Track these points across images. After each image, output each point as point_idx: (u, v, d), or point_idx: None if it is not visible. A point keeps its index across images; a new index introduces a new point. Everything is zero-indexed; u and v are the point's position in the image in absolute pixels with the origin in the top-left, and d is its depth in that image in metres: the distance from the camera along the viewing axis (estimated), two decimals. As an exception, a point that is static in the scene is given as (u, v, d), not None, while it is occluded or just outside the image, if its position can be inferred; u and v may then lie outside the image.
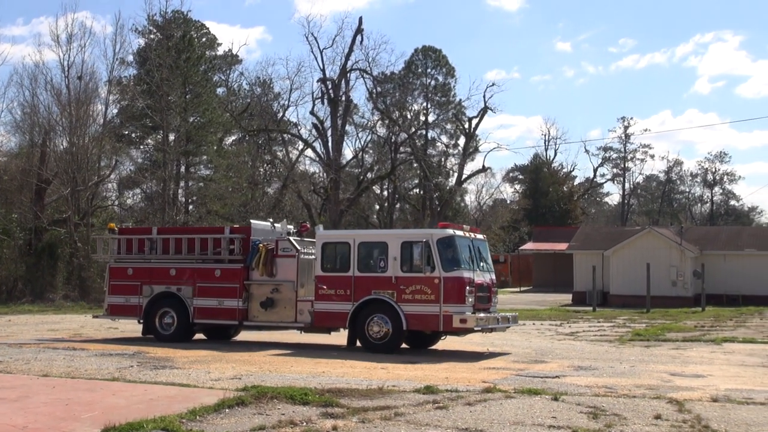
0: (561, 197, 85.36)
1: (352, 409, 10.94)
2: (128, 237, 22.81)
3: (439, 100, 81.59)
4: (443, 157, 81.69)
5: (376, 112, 66.16)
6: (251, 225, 22.12)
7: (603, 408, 11.46)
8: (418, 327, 19.06)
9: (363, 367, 16.31)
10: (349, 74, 59.37)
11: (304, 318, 20.14)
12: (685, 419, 10.71)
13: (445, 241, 18.94)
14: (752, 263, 48.62)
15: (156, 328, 21.69)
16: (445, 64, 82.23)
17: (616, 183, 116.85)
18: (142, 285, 21.95)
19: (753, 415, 11.15)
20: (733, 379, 15.26)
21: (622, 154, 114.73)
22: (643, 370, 16.54)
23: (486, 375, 15.32)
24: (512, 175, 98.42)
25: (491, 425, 10.08)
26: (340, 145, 59.46)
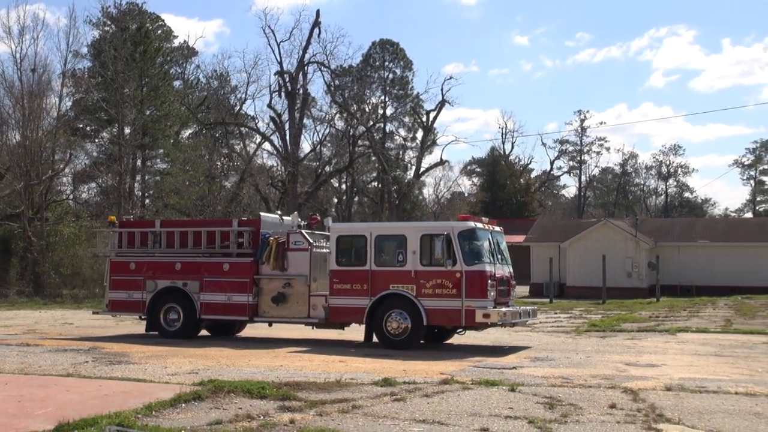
0: (518, 190, 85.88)
1: (310, 403, 10.90)
2: (130, 230, 22.10)
3: (397, 93, 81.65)
4: (401, 150, 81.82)
5: (334, 105, 66.04)
6: (261, 217, 21.43)
7: (559, 398, 11.55)
8: (438, 322, 18.53)
9: (321, 361, 16.28)
10: (307, 67, 59.12)
11: (318, 313, 19.49)
12: (639, 408, 10.83)
13: (467, 234, 18.38)
14: (705, 254, 49.33)
15: (161, 325, 20.95)
16: (403, 58, 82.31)
17: (572, 176, 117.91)
18: (145, 280, 21.16)
19: (705, 403, 11.30)
20: (687, 369, 15.46)
21: (578, 147, 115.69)
22: (599, 360, 16.70)
23: (444, 367, 15.35)
24: (470, 168, 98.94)
25: (449, 416, 10.11)
26: (298, 138, 59.18)
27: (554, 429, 9.44)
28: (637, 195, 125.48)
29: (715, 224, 59.85)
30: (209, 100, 61.69)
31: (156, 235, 21.49)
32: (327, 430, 9.10)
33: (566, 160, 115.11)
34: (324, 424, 9.48)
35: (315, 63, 59.66)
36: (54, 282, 42.52)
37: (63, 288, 42.63)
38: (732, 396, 12.02)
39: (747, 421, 10.06)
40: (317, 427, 9.30)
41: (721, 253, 49.30)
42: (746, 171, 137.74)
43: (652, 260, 44.88)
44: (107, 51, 50.56)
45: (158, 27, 64.24)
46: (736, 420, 10.13)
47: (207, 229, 21.45)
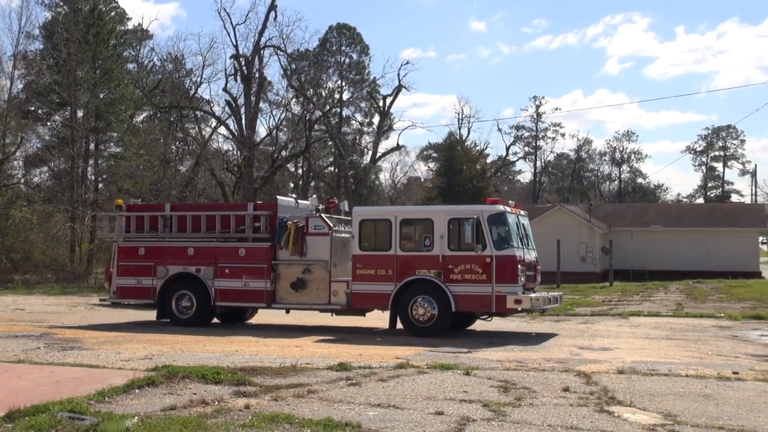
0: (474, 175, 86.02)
1: (265, 388, 10.87)
2: (138, 214, 21.45)
3: (353, 78, 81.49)
4: (358, 135, 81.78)
5: (291, 89, 65.61)
6: (277, 201, 20.85)
7: (513, 382, 11.64)
8: (467, 308, 18.16)
9: (277, 345, 16.24)
10: (263, 51, 58.61)
11: (339, 299, 19.05)
12: (592, 391, 10.95)
13: (496, 218, 17.99)
14: (658, 239, 50.04)
15: (172, 312, 20.42)
16: (360, 42, 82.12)
17: (527, 161, 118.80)
18: (155, 265, 20.57)
19: (656, 386, 11.46)
20: (639, 352, 15.66)
21: (533, 132, 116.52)
22: (553, 344, 16.87)
23: (399, 351, 15.39)
24: (426, 153, 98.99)
25: (404, 401, 10.13)
26: (254, 122, 58.74)
27: (508, 412, 9.51)
28: (591, 180, 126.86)
29: (668, 210, 60.67)
30: (164, 83, 60.95)
31: (166, 219, 20.89)
32: (282, 415, 9.08)
33: (522, 145, 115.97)
34: (279, 409, 9.45)
35: (271, 47, 59.19)
36: (5, 267, 41.88)
37: (14, 273, 42.03)
38: (682, 378, 12.20)
39: (697, 403, 10.22)
40: (272, 412, 9.27)
41: (673, 239, 50.06)
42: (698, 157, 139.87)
43: (606, 245, 45.39)
44: (59, 33, 49.75)
45: (112, 9, 63.29)
46: (686, 402, 10.28)
47: (221, 213, 20.85)
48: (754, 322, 22.35)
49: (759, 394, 10.96)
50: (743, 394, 10.92)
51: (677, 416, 9.41)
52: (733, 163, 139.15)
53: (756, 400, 10.51)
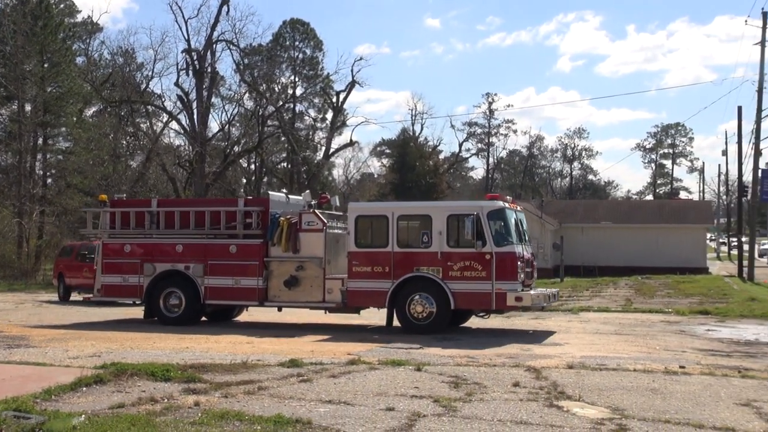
0: (427, 171, 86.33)
1: (215, 385, 10.79)
2: (124, 210, 20.85)
3: (307, 73, 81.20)
4: (311, 130, 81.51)
5: (243, 84, 65.23)
6: (269, 197, 20.39)
7: (464, 377, 11.69)
8: (466, 306, 17.97)
9: (228, 342, 16.14)
10: (215, 45, 58.20)
11: (334, 297, 18.68)
12: (542, 386, 11.04)
13: (496, 214, 17.77)
14: (608, 235, 50.62)
15: (160, 311, 19.88)
16: (314, 38, 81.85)
17: (480, 157, 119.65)
18: (142, 263, 20.00)
19: (605, 381, 11.59)
20: (588, 347, 15.83)
21: (486, 129, 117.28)
22: (504, 339, 16.96)
23: (351, 347, 15.38)
24: (380, 149, 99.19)
25: (355, 396, 10.13)
26: (206, 117, 58.34)
27: (459, 407, 9.55)
28: (543, 177, 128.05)
29: (618, 206, 61.44)
30: (114, 77, 60.21)
31: (153, 215, 20.33)
32: (232, 412, 9.02)
33: (474, 142, 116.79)
34: (229, 406, 9.39)
35: (224, 41, 58.81)
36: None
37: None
38: (631, 373, 12.35)
39: (644, 397, 10.35)
40: (222, 409, 9.21)
41: (623, 235, 50.68)
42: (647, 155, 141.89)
43: (557, 241, 45.79)
44: (6, 25, 48.78)
45: (60, 1, 62.29)
46: (634, 396, 10.41)
47: (211, 208, 20.36)
48: (701, 317, 22.72)
49: (705, 387, 11.13)
50: (689, 388, 11.09)
51: (625, 410, 9.52)
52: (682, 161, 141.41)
53: (702, 393, 10.68)
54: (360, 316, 20.09)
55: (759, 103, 42.45)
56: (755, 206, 47.79)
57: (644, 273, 44.82)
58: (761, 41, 43.06)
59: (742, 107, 46.11)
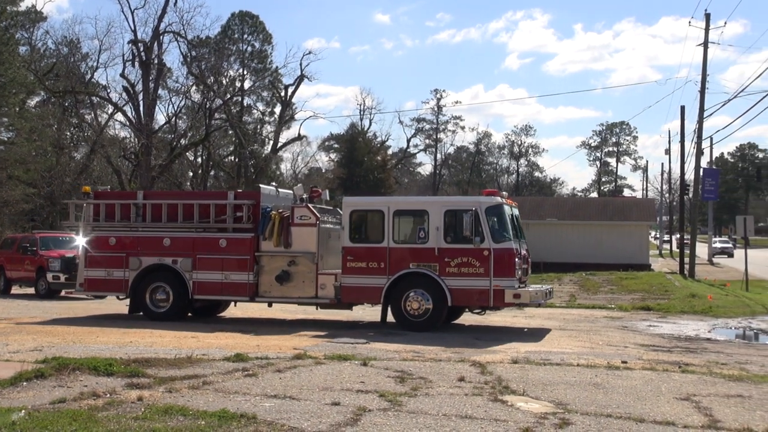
0: (375, 167, 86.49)
1: (159, 379, 10.68)
2: (109, 202, 20.25)
3: (255, 66, 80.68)
4: (259, 124, 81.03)
5: (191, 76, 64.49)
6: (260, 190, 19.80)
7: (410, 372, 11.72)
8: (463, 303, 17.72)
9: (173, 336, 15.98)
10: (162, 37, 57.50)
11: (327, 293, 18.31)
12: (487, 381, 11.12)
13: (494, 210, 17.53)
14: (553, 232, 51.11)
15: (146, 305, 19.38)
16: (262, 31, 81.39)
17: (428, 153, 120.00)
18: (128, 257, 19.42)
19: (549, 375, 11.71)
20: (533, 342, 15.98)
21: (434, 125, 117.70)
22: (450, 335, 17.04)
23: (297, 342, 15.36)
24: (328, 143, 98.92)
25: (300, 391, 10.10)
26: (152, 109, 57.60)
27: (404, 402, 9.58)
28: (490, 173, 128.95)
29: (563, 203, 62.08)
30: (58, 67, 59.15)
31: (139, 208, 19.78)
32: (176, 407, 8.94)
33: (422, 138, 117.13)
34: (173, 401, 9.31)
35: (171, 33, 58.15)
36: None
37: None
38: (574, 368, 12.50)
39: (587, 392, 10.48)
40: (166, 404, 9.12)
41: (568, 231, 51.23)
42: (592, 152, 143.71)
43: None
44: (-55, 12, 47.72)
45: (3, -11, 61.00)
46: (577, 391, 10.54)
47: (200, 201, 19.80)
48: (643, 313, 23.10)
49: (646, 382, 11.31)
50: (631, 382, 11.26)
51: (568, 405, 9.64)
52: (626, 159, 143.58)
53: (643, 388, 10.84)
54: (352, 311, 19.83)
55: (701, 104, 43.19)
56: (696, 204, 48.65)
57: (589, 269, 45.34)
58: (704, 43, 43.79)
59: (685, 107, 47.25)
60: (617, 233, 50.90)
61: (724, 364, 13.71)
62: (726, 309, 23.62)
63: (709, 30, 43.83)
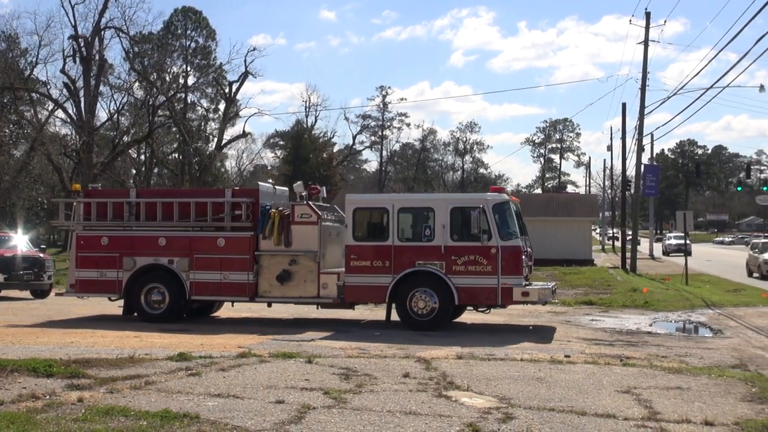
0: (321, 163, 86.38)
1: (100, 380, 10.52)
2: (100, 200, 19.68)
3: (199, 63, 79.99)
4: (203, 121, 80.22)
5: (133, 73, 63.63)
6: (259, 187, 19.41)
7: (355, 369, 11.72)
8: (471, 302, 17.51)
9: (115, 336, 15.77)
10: (104, 32, 56.58)
11: (329, 292, 17.97)
12: (431, 377, 11.16)
13: (501, 207, 17.32)
14: (498, 228, 51.41)
15: (141, 307, 18.87)
16: (206, 27, 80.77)
17: (373, 150, 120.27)
18: (121, 257, 18.91)
19: (494, 370, 11.80)
20: (478, 337, 16.07)
21: (380, 122, 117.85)
22: (394, 332, 17.04)
23: (242, 340, 15.26)
24: (273, 140, 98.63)
25: (244, 390, 10.03)
26: (94, 106, 56.67)
27: (349, 399, 9.57)
28: (435, 170, 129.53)
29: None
30: (-4, 63, 57.93)
31: (133, 207, 19.27)
32: (117, 407, 8.81)
33: (368, 135, 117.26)
34: (114, 402, 9.18)
35: (112, 28, 57.22)
36: None
37: None
38: (518, 363, 12.62)
39: (530, 386, 10.58)
40: (107, 404, 8.99)
41: (513, 227, 51.56)
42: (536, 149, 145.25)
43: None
44: None
45: (-62, -17, 59.65)
46: (520, 385, 10.63)
47: (196, 199, 19.27)
48: (586, 308, 23.39)
49: (588, 376, 11.45)
50: (574, 376, 11.39)
51: (511, 399, 9.71)
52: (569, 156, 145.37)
53: (585, 382, 10.97)
54: (354, 311, 19.57)
55: (642, 101, 43.85)
56: (638, 200, 49.39)
57: (533, 265, 45.71)
58: (644, 41, 44.47)
59: (626, 104, 47.89)
60: (561, 229, 51.43)
61: (664, 357, 13.97)
62: (666, 303, 24.02)
63: (650, 28, 44.55)
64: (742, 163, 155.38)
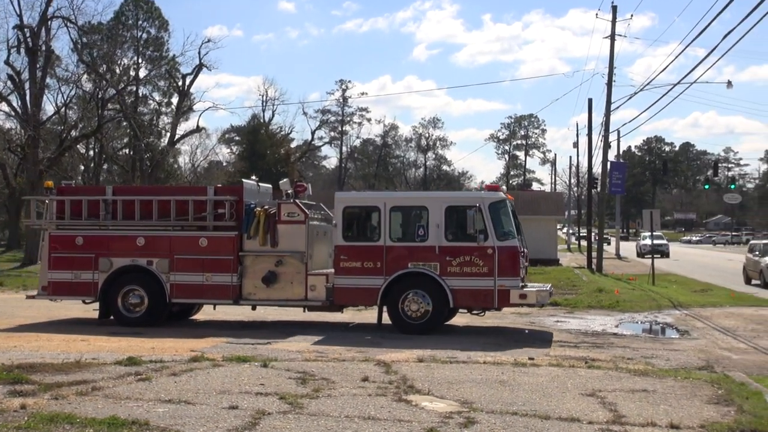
0: (278, 160, 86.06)
1: (45, 385, 10.39)
2: (75, 198, 19.16)
3: (151, 54, 79.40)
4: (155, 115, 79.59)
5: (81, 65, 62.92)
6: (243, 185, 19.02)
7: (312, 373, 11.70)
8: (466, 304, 17.39)
9: (61, 340, 15.61)
10: (51, 22, 55.83)
11: (317, 294, 17.67)
12: (391, 380, 11.17)
13: (498, 206, 17.18)
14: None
15: (118, 310, 18.37)
16: (159, 17, 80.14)
17: (333, 146, 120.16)
18: (97, 257, 18.42)
19: (455, 373, 11.84)
20: (438, 340, 16.10)
21: (340, 117, 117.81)
22: (353, 334, 17.07)
23: (195, 344, 15.15)
24: (229, 136, 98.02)
25: (196, 395, 9.97)
26: (40, 99, 55.88)
27: (305, 404, 9.55)
28: (397, 167, 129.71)
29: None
30: (-64, 53, 57.08)
31: (109, 204, 18.77)
32: (62, 414, 8.71)
33: (327, 130, 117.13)
34: (59, 409, 9.07)
35: (60, 18, 56.51)
36: None
37: None
38: (481, 365, 12.67)
39: (493, 390, 10.63)
40: (51, 411, 8.88)
41: (476, 226, 51.78)
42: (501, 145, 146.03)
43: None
44: None
45: None
46: (483, 389, 10.67)
47: (177, 197, 18.83)
48: (551, 309, 23.49)
49: (552, 379, 11.53)
50: (537, 379, 11.46)
51: (473, 403, 9.75)
52: (535, 152, 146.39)
53: (549, 385, 11.05)
54: (342, 314, 19.38)
55: (608, 96, 44.25)
56: (604, 198, 49.79)
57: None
58: (611, 35, 44.86)
59: (592, 99, 47.93)
60: (526, 227, 50.84)
61: (630, 358, 14.10)
62: (633, 303, 24.25)
63: (616, 22, 44.97)
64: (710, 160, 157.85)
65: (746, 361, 14.28)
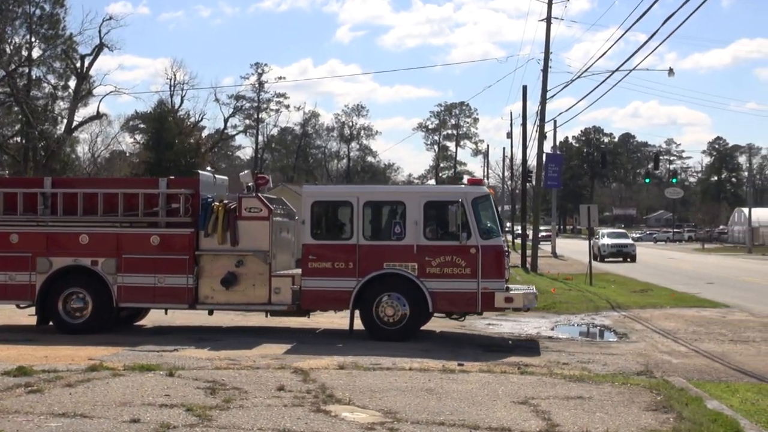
0: (188, 150, 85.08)
1: None
2: (8, 190, 18.50)
3: (45, 33, 77.70)
4: (50, 100, 78.02)
5: (-33, 43, 61.64)
6: (199, 177, 18.48)
7: (223, 382, 11.63)
8: (447, 308, 17.13)
9: (-58, 349, 15.23)
10: (-69, -5, 54.64)
11: (282, 298, 17.23)
12: (309, 389, 11.17)
13: (481, 201, 16.92)
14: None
15: (59, 315, 17.70)
16: (54, -9, 78.55)
17: (248, 135, 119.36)
18: (34, 257, 17.75)
19: (378, 381, 11.89)
20: (363, 344, 16.14)
21: (255, 104, 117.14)
22: (269, 341, 16.93)
23: (94, 351, 14.94)
24: (133, 123, 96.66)
25: (94, 408, 9.84)
26: None
27: (215, 416, 9.50)
28: (318, 158, 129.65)
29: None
30: None
31: (47, 198, 18.12)
32: (-59, 431, 8.52)
33: (242, 118, 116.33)
34: (-63, 425, 8.86)
35: (-59, -9, 55.27)
36: None
37: None
38: (406, 372, 12.74)
39: (419, 398, 10.70)
40: (-71, 428, 8.68)
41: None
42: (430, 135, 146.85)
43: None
44: None
45: None
46: (408, 397, 10.74)
47: (125, 190, 18.32)
48: (482, 311, 23.73)
49: (482, 386, 11.65)
50: (467, 386, 11.57)
51: (397, 413, 9.81)
52: (466, 143, 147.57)
53: (479, 392, 11.17)
54: (308, 319, 18.78)
55: (544, 83, 44.69)
56: (540, 193, 50.42)
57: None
58: (547, 17, 45.29)
59: (527, 87, 48.54)
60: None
61: (565, 363, 14.33)
62: (569, 305, 24.62)
63: (553, 4, 45.37)
64: (651, 152, 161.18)
65: (687, 365, 14.63)
